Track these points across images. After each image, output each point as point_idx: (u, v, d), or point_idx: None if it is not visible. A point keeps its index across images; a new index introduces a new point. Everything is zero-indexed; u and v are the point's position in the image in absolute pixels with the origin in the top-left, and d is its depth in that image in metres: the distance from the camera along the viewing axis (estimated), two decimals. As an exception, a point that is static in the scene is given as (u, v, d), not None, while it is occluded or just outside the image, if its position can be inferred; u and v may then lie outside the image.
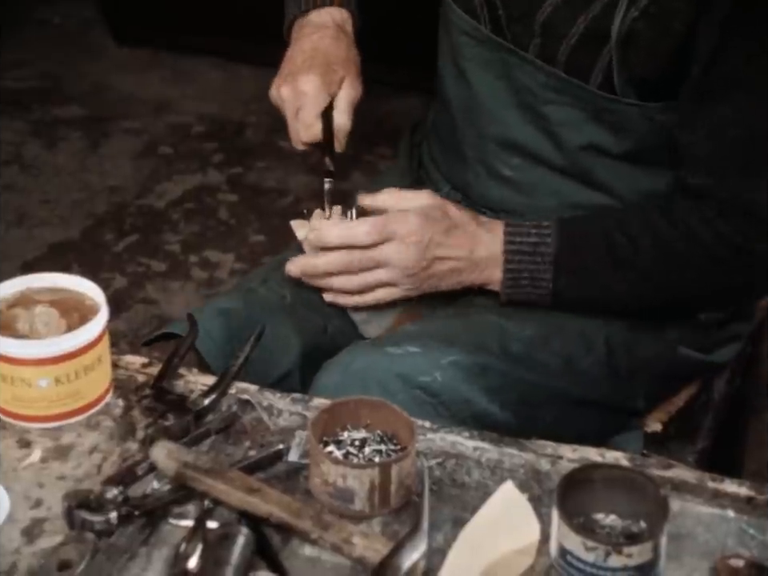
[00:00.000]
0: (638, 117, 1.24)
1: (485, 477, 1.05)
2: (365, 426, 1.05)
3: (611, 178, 1.29)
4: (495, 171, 1.33)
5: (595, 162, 1.28)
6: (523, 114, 1.29)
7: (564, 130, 1.28)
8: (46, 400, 1.08)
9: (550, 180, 1.31)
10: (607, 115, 1.25)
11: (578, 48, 1.23)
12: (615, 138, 1.26)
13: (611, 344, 1.31)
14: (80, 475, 1.04)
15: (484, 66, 1.30)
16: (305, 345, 1.30)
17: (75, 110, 3.06)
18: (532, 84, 1.27)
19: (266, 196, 2.77)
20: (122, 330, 2.30)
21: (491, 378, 1.24)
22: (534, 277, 1.25)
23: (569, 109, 1.26)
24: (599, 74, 1.23)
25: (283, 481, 1.03)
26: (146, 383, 1.13)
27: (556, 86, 1.25)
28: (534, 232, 1.25)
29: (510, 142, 1.31)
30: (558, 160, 1.29)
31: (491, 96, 1.31)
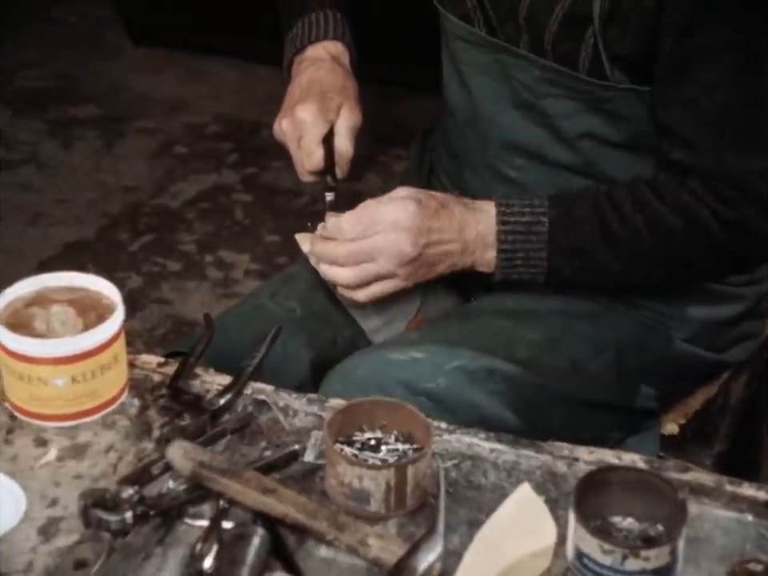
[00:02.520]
0: (632, 102, 1.24)
1: (501, 479, 1.05)
2: (381, 427, 1.05)
3: (615, 168, 1.29)
4: (500, 174, 1.34)
5: (597, 153, 1.28)
6: (523, 113, 1.29)
7: (563, 122, 1.27)
8: (63, 399, 1.08)
9: (554, 177, 1.31)
10: (602, 103, 1.25)
11: (561, 35, 1.22)
12: (613, 125, 1.26)
13: (620, 345, 1.31)
14: (96, 474, 1.04)
15: (481, 70, 1.31)
16: (316, 357, 1.30)
17: (91, 109, 3.07)
18: (527, 80, 1.27)
19: (282, 196, 2.77)
20: (136, 330, 2.31)
21: (497, 382, 1.24)
22: (529, 256, 1.24)
23: (565, 100, 1.26)
24: (586, 60, 1.22)
25: (299, 481, 1.03)
26: (162, 383, 1.14)
27: (549, 78, 1.25)
28: (528, 211, 1.24)
29: (512, 143, 1.31)
30: (561, 155, 1.29)
31: (490, 99, 1.31)
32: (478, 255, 1.25)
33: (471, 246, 1.24)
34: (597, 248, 1.24)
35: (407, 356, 1.22)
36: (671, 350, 1.33)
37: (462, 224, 1.24)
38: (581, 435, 1.18)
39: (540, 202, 1.24)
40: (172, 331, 2.37)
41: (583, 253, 1.24)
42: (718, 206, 1.21)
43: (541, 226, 1.23)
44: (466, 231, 1.24)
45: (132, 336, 1.12)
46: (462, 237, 1.24)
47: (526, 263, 1.24)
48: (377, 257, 1.22)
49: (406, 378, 1.21)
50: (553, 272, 1.25)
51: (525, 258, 1.24)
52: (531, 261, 1.24)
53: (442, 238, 1.23)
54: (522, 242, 1.23)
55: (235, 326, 1.30)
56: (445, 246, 1.23)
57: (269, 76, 3.17)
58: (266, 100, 3.09)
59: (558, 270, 1.25)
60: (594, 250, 1.24)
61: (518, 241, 1.23)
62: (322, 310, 1.31)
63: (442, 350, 1.23)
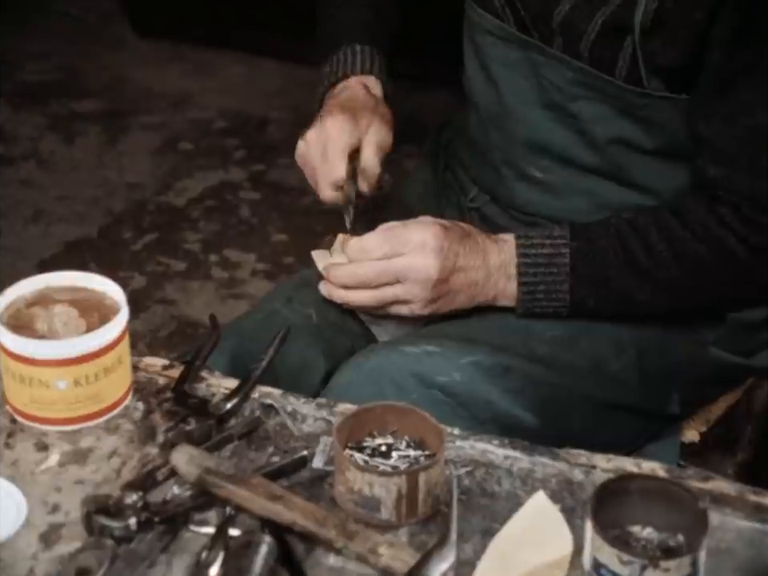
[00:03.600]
0: (667, 109, 1.24)
1: (515, 486, 1.05)
2: (392, 433, 1.06)
3: (645, 175, 1.29)
4: (524, 173, 1.34)
5: (627, 159, 1.28)
6: (551, 114, 1.29)
7: (593, 127, 1.28)
8: (65, 402, 1.08)
9: (581, 180, 1.31)
10: (636, 109, 1.25)
11: (599, 42, 1.23)
12: (646, 132, 1.26)
13: (643, 346, 1.31)
14: (99, 480, 1.05)
15: (510, 66, 1.31)
16: (331, 367, 1.31)
17: (93, 103, 3.08)
18: (559, 81, 1.27)
19: (289, 194, 2.77)
20: (140, 331, 2.31)
21: (514, 379, 1.24)
22: (550, 289, 1.25)
23: (597, 104, 1.26)
24: (623, 67, 1.23)
25: (307, 488, 1.03)
26: (166, 386, 1.14)
27: (583, 81, 1.26)
28: (548, 243, 1.25)
29: (538, 144, 1.32)
30: (589, 158, 1.30)
31: (518, 97, 1.31)
32: (500, 286, 1.26)
33: (494, 276, 1.25)
34: (621, 278, 1.24)
35: (421, 349, 1.22)
36: (697, 351, 1.33)
37: (486, 252, 1.25)
38: (599, 438, 1.18)
39: (560, 233, 1.25)
40: (176, 333, 2.38)
41: (607, 283, 1.25)
42: (746, 231, 1.21)
43: (562, 257, 1.24)
44: (489, 260, 1.25)
45: (134, 338, 1.12)
46: (486, 265, 1.25)
47: (548, 297, 1.25)
48: (402, 279, 1.23)
49: (419, 370, 1.21)
50: (576, 304, 1.26)
51: (546, 292, 1.25)
52: (553, 294, 1.25)
53: (468, 264, 1.24)
54: (544, 275, 1.25)
55: (250, 333, 1.30)
56: (470, 274, 1.25)
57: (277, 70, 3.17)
58: (273, 95, 3.10)
59: (581, 302, 1.26)
60: (618, 280, 1.25)
61: (540, 274, 1.25)
62: (339, 318, 1.32)
63: (457, 344, 1.24)
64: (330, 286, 1.26)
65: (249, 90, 3.15)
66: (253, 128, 3.01)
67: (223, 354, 1.24)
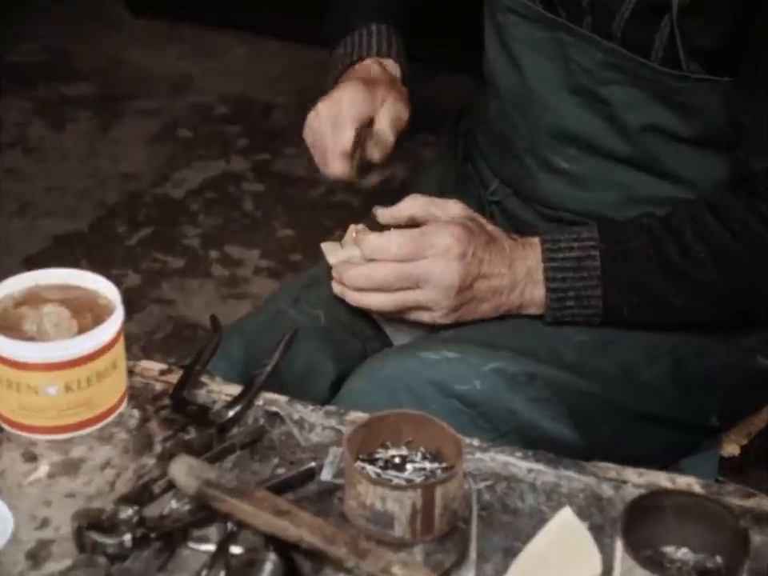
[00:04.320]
0: (706, 93, 1.25)
1: (540, 502, 1.05)
2: (406, 443, 1.06)
3: (680, 165, 1.29)
4: (549, 163, 1.34)
5: (661, 148, 1.29)
6: (579, 99, 1.30)
7: (625, 113, 1.28)
8: (55, 409, 1.09)
9: (611, 171, 1.31)
10: (673, 94, 1.25)
11: (633, 22, 1.24)
12: (683, 119, 1.26)
13: (678, 352, 1.31)
14: (91, 493, 1.06)
15: (535, 47, 1.31)
16: (341, 372, 1.31)
17: (85, 87, 3.09)
18: (589, 63, 1.27)
19: (296, 185, 2.78)
20: (134, 333, 2.32)
21: (540, 387, 1.24)
22: (581, 295, 1.26)
23: (630, 89, 1.27)
24: (660, 48, 1.23)
25: (315, 502, 1.04)
26: (164, 392, 1.15)
27: (615, 64, 1.26)
28: (577, 246, 1.26)
29: (565, 131, 1.32)
30: (620, 147, 1.30)
31: (543, 81, 1.31)
32: (527, 294, 1.27)
33: (520, 284, 1.26)
34: (655, 281, 1.25)
35: (440, 355, 1.23)
36: (737, 358, 1.34)
37: (512, 258, 1.26)
38: (630, 451, 1.18)
39: (589, 235, 1.25)
40: (173, 335, 2.39)
41: (641, 288, 1.25)
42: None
43: (592, 260, 1.25)
44: (515, 267, 1.26)
45: (129, 340, 1.13)
46: (511, 273, 1.26)
47: (579, 303, 1.26)
48: (423, 284, 1.23)
49: (437, 378, 1.22)
50: (609, 311, 1.26)
51: (577, 298, 1.26)
52: (584, 300, 1.26)
53: (493, 271, 1.25)
54: (573, 280, 1.25)
55: (254, 336, 1.31)
56: (495, 281, 1.25)
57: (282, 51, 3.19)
58: (279, 78, 3.11)
59: (614, 309, 1.26)
60: (652, 283, 1.25)
61: (569, 278, 1.25)
62: (350, 319, 1.32)
63: (478, 350, 1.24)
64: (342, 286, 1.27)
65: (252, 72, 3.16)
66: (256, 114, 3.02)
67: (225, 357, 1.25)
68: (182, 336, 2.38)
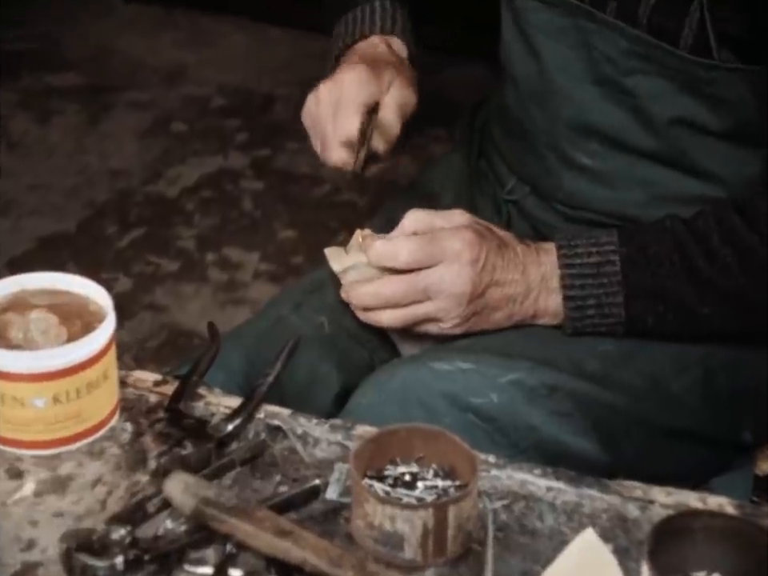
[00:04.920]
0: (739, 84, 1.25)
1: (560, 523, 1.06)
2: (417, 460, 1.07)
3: (709, 160, 1.30)
4: (570, 159, 1.34)
5: (690, 143, 1.29)
6: (602, 91, 1.30)
7: (651, 105, 1.28)
8: (42, 422, 1.10)
9: (636, 167, 1.32)
10: (702, 84, 1.26)
11: (661, 8, 1.24)
12: (713, 111, 1.27)
13: (710, 363, 1.31)
14: (80, 512, 1.06)
15: (555, 35, 1.32)
16: (346, 383, 1.32)
17: (73, 77, 3.11)
18: (613, 52, 1.28)
19: (298, 183, 2.79)
20: (125, 342, 2.33)
21: (561, 400, 1.25)
22: (602, 303, 1.26)
23: (656, 79, 1.27)
24: (689, 36, 1.24)
25: (320, 522, 1.04)
26: (159, 404, 1.15)
27: (641, 52, 1.26)
28: (595, 251, 1.26)
29: (587, 125, 1.32)
30: (646, 142, 1.30)
31: (564, 70, 1.32)
32: (541, 302, 1.27)
33: (534, 291, 1.27)
34: (680, 289, 1.25)
35: (453, 366, 1.23)
36: None
37: (525, 263, 1.27)
38: (657, 469, 1.18)
39: (608, 239, 1.26)
40: (167, 343, 2.40)
41: (665, 296, 1.26)
42: None
43: (612, 265, 1.25)
44: (529, 273, 1.27)
45: (119, 349, 1.13)
46: (525, 279, 1.26)
47: (600, 312, 1.26)
48: (433, 295, 1.24)
49: (451, 390, 1.22)
50: (633, 320, 1.26)
51: (598, 306, 1.26)
52: (606, 309, 1.26)
53: (506, 278, 1.26)
54: (592, 287, 1.25)
55: (253, 344, 1.32)
56: (508, 289, 1.26)
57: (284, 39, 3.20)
58: (280, 68, 3.12)
59: (638, 318, 1.26)
60: (677, 291, 1.25)
61: (588, 285, 1.26)
62: (355, 326, 1.33)
63: (495, 360, 1.25)
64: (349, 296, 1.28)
65: (251, 62, 3.17)
66: (256, 106, 3.03)
67: (222, 367, 1.25)
68: (176, 345, 2.39)
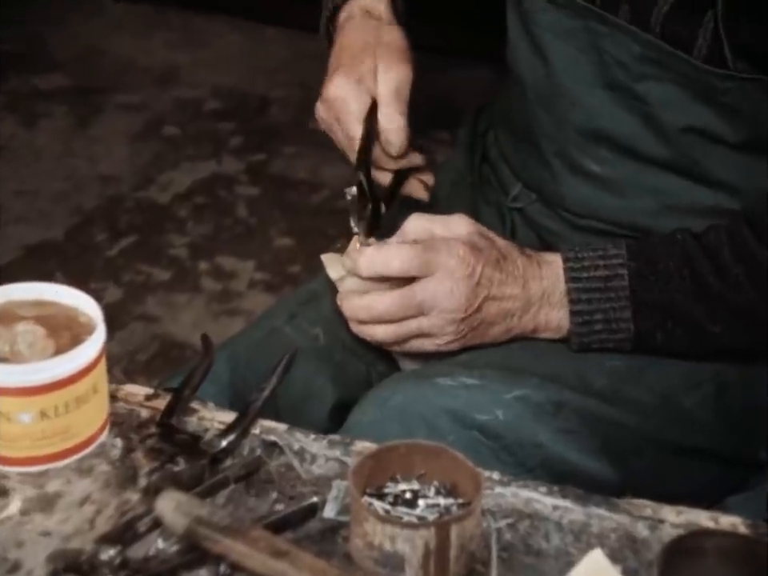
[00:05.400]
0: (754, 95, 1.25)
1: (567, 543, 1.06)
2: (418, 477, 1.07)
3: (722, 171, 1.30)
4: (578, 166, 1.35)
5: (703, 152, 1.29)
6: (612, 96, 1.30)
7: (664, 112, 1.29)
8: (29, 438, 1.10)
9: (646, 175, 1.32)
10: (717, 94, 1.26)
11: (674, 16, 1.24)
12: (728, 121, 1.27)
13: (722, 379, 1.31)
14: (68, 531, 1.06)
15: (563, 37, 1.32)
16: (342, 397, 1.32)
17: (61, 79, 3.11)
18: (624, 56, 1.28)
19: (295, 189, 2.80)
20: (115, 354, 2.33)
21: (568, 417, 1.25)
22: (610, 318, 1.27)
23: (669, 86, 1.27)
24: (703, 45, 1.24)
25: (317, 542, 1.04)
26: (150, 419, 1.15)
27: (654, 58, 1.27)
28: (603, 264, 1.27)
29: (596, 131, 1.32)
30: (657, 150, 1.31)
31: (573, 74, 1.32)
32: (541, 317, 1.28)
33: (534, 306, 1.28)
34: (689, 305, 1.26)
35: (457, 381, 1.24)
36: None
37: (525, 278, 1.27)
38: (668, 487, 1.18)
39: (616, 252, 1.27)
40: (158, 355, 2.40)
41: (674, 312, 1.26)
42: None
43: (620, 279, 1.26)
44: (529, 288, 1.27)
45: (109, 361, 1.13)
46: (525, 294, 1.27)
47: (608, 327, 1.27)
48: (427, 310, 1.24)
49: (454, 407, 1.22)
50: (641, 335, 1.27)
51: (605, 321, 1.27)
52: (613, 324, 1.27)
53: (503, 293, 1.26)
54: (599, 301, 1.26)
55: (248, 356, 1.32)
56: (505, 304, 1.27)
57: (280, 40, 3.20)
58: (276, 69, 3.13)
59: (647, 333, 1.27)
60: (686, 306, 1.26)
61: (595, 300, 1.26)
62: (352, 338, 1.33)
63: (500, 375, 1.25)
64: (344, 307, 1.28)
65: (246, 63, 3.18)
66: (251, 109, 3.03)
67: (213, 381, 1.25)
68: (168, 357, 2.39)
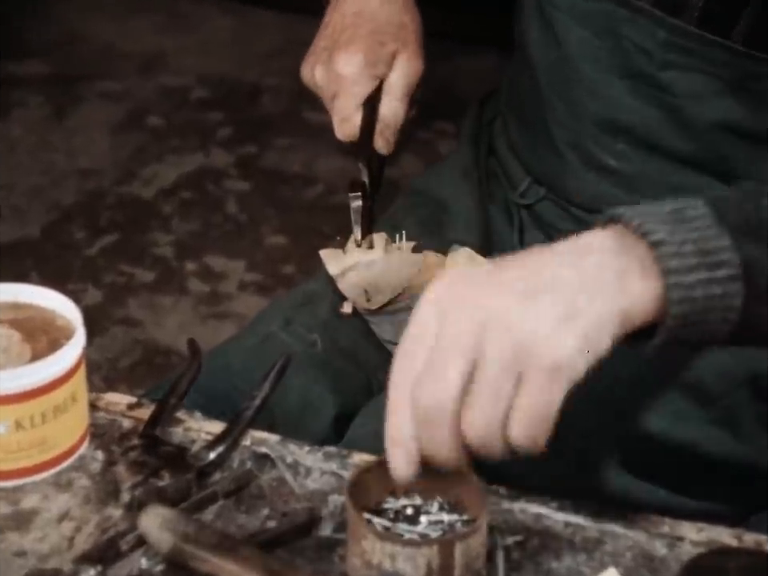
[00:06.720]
0: None
1: (579, 562, 1.06)
2: (420, 492, 1.07)
3: (753, 169, 1.29)
4: (594, 159, 1.34)
5: (732, 148, 1.28)
6: (634, 86, 1.29)
7: (690, 105, 1.28)
8: (3, 450, 1.10)
9: (669, 172, 1.31)
10: (753, 83, 1.25)
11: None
12: (760, 114, 1.27)
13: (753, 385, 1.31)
14: (45, 550, 1.06)
15: (580, 20, 1.31)
16: (341, 406, 1.32)
17: (36, 65, 3.11)
18: (647, 43, 1.27)
19: (288, 184, 2.80)
20: (95, 360, 2.33)
21: None
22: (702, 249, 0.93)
23: (698, 75, 1.26)
24: (743, 27, 1.23)
25: (312, 561, 1.05)
26: (133, 430, 1.15)
27: (684, 45, 1.26)
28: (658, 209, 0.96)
29: (614, 123, 1.32)
30: (681, 145, 1.30)
31: (590, 61, 1.31)
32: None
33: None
34: None
35: None
36: None
37: None
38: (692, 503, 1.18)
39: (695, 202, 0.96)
40: (142, 362, 2.40)
41: None
42: None
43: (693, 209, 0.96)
44: None
45: (89, 368, 1.14)
46: None
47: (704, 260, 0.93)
48: None
49: None
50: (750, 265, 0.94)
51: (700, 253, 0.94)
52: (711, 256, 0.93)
53: None
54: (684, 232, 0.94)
55: (239, 363, 1.32)
56: None
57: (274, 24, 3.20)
58: (268, 56, 3.13)
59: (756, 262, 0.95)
60: None
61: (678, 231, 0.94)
62: (351, 344, 1.34)
63: None
64: None
65: (237, 49, 3.18)
66: (242, 98, 3.03)
67: (205, 389, 1.26)
68: (152, 364, 2.39)
